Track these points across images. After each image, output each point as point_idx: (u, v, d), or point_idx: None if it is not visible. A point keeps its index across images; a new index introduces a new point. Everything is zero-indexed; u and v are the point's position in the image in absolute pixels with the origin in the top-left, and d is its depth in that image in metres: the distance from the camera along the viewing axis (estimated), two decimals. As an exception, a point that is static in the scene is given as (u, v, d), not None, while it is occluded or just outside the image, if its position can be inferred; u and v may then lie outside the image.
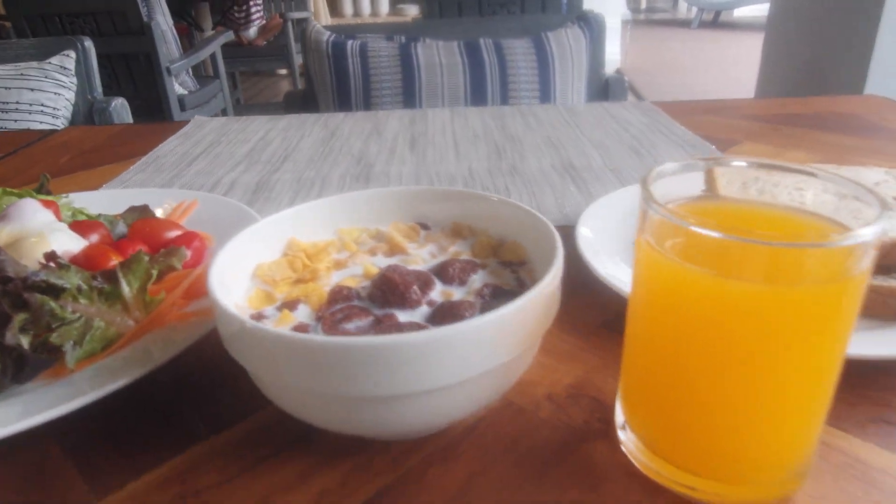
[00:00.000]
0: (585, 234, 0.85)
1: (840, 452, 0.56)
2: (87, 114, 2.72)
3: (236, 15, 7.72)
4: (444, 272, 0.63)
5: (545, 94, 2.44)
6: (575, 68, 2.50)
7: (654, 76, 7.95)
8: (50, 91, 2.59)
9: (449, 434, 0.60)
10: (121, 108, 2.76)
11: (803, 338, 0.44)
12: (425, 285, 0.61)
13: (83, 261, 0.76)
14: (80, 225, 0.83)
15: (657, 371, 0.51)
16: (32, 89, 2.56)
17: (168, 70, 4.62)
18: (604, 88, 2.69)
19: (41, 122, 2.53)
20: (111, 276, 0.72)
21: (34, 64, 2.62)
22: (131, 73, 4.72)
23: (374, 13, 10.71)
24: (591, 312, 0.78)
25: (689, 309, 0.47)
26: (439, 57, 2.40)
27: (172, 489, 0.55)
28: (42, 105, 2.56)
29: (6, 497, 0.56)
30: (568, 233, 0.85)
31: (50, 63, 2.63)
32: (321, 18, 9.43)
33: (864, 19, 2.51)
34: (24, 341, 0.63)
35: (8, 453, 0.59)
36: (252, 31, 7.79)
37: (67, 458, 0.59)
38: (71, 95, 2.67)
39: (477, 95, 2.42)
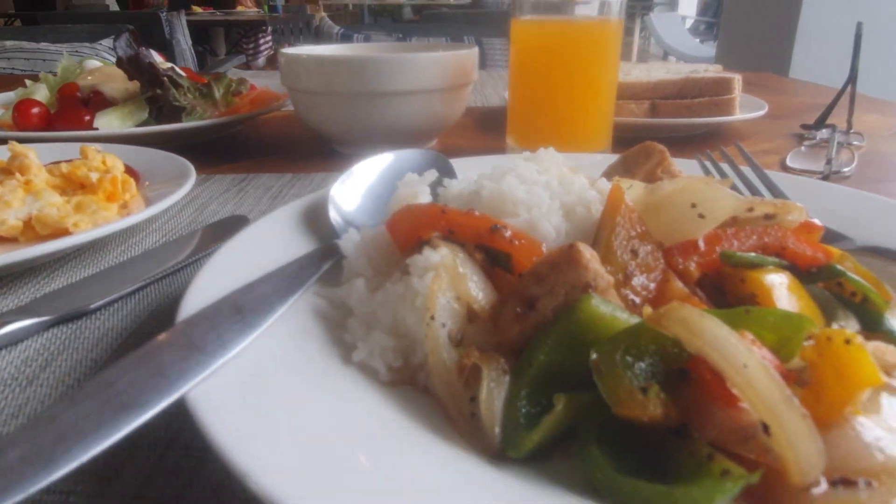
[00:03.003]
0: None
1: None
2: (129, 89, 3.19)
3: (245, 46, 8.30)
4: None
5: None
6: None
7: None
8: (99, 67, 3.04)
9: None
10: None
11: (598, 52, 0.88)
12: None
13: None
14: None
15: (523, 94, 0.95)
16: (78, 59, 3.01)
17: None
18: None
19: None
20: (207, 84, 1.16)
21: (87, 44, 3.09)
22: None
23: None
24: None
25: (538, 46, 0.91)
26: (429, 49, 2.89)
27: (242, 170, 0.98)
28: (92, 78, 3.02)
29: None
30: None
31: (100, 44, 3.10)
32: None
33: (785, 36, 3.03)
34: (166, 96, 1.06)
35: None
36: (260, 61, 8.37)
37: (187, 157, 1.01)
38: (116, 73, 3.14)
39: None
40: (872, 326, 0.42)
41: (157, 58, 1.24)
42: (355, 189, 0.58)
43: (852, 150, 1.01)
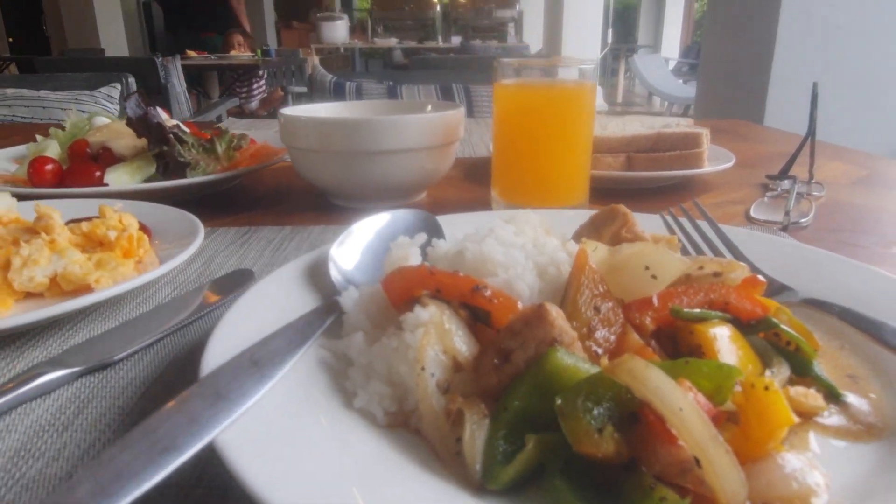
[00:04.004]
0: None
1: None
2: (126, 134, 3.27)
3: (239, 89, 8.47)
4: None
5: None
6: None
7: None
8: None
9: (402, 207, 1.10)
10: (153, 133, 3.31)
11: (574, 114, 0.96)
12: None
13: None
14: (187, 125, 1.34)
15: (506, 152, 1.03)
16: (84, 111, 3.11)
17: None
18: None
19: (90, 137, 3.06)
20: (210, 140, 1.23)
21: (86, 92, 3.18)
22: (147, 125, 5.30)
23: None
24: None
25: (519, 108, 0.99)
26: (419, 95, 3.00)
27: (244, 223, 1.05)
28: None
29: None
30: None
31: (99, 92, 3.19)
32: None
33: (759, 83, 3.17)
34: (172, 153, 1.13)
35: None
36: (254, 104, 8.54)
37: (193, 210, 1.08)
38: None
39: (449, 127, 3.00)
40: (803, 372, 0.49)
41: (163, 115, 1.31)
42: (353, 248, 0.65)
43: (811, 201, 1.09)
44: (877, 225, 1.02)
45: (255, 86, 8.50)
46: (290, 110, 1.12)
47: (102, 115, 1.47)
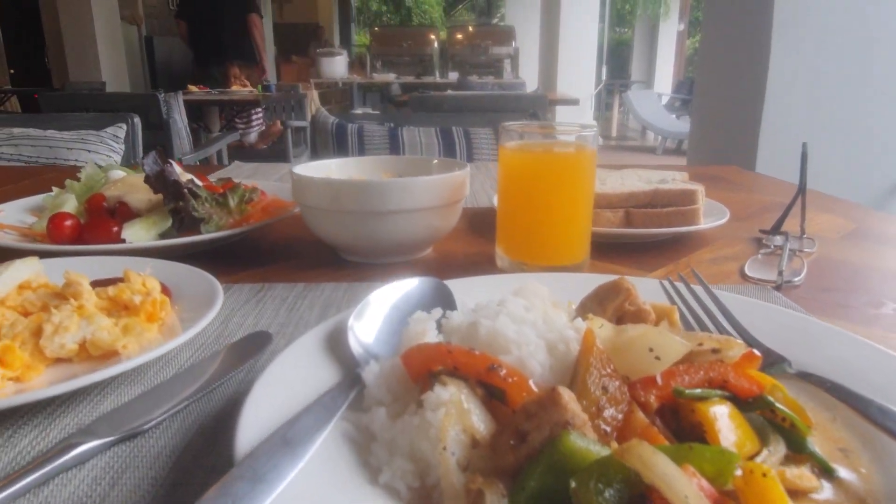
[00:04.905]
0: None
1: (608, 266, 1.11)
2: (130, 173, 3.32)
3: (237, 121, 8.57)
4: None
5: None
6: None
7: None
8: (103, 153, 3.20)
9: (410, 263, 1.14)
10: (157, 171, 3.36)
11: (575, 179, 1.01)
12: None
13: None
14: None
15: (511, 212, 1.07)
16: (90, 151, 3.17)
17: (181, 161, 5.31)
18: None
19: (95, 176, 3.10)
20: (223, 194, 1.27)
21: (92, 132, 3.24)
22: (149, 160, 5.37)
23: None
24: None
25: (523, 171, 1.04)
26: (420, 138, 3.07)
27: (258, 278, 1.08)
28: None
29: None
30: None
31: (105, 132, 3.25)
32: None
33: (750, 130, 3.26)
34: (187, 207, 1.17)
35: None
36: (252, 137, 8.63)
37: (208, 264, 1.11)
38: (118, 158, 3.28)
39: (448, 168, 3.06)
40: (798, 448, 0.52)
41: (177, 169, 1.36)
42: (371, 320, 0.69)
43: (802, 259, 1.13)
44: (867, 283, 1.07)
45: (254, 119, 8.61)
46: (301, 169, 1.16)
47: (114, 166, 1.51)
